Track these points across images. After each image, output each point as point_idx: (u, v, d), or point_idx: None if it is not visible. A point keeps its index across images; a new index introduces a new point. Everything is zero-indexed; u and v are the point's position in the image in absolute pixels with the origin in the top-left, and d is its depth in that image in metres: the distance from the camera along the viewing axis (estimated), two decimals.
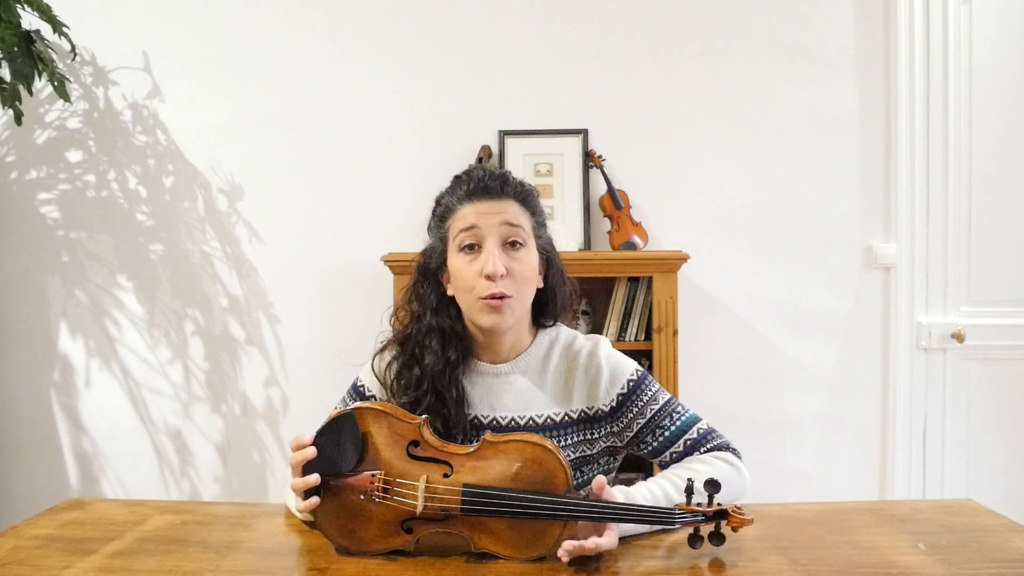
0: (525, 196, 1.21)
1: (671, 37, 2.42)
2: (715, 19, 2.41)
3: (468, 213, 1.16)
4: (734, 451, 1.20)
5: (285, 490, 1.16)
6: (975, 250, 2.41)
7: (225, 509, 1.23)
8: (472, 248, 1.15)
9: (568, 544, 0.93)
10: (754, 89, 2.41)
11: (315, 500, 0.99)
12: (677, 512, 0.97)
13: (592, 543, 0.93)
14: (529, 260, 1.17)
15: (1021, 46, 2.39)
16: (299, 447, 1.00)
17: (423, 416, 1.04)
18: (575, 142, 2.42)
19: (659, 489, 1.08)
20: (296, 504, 1.04)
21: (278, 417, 2.51)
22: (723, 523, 0.97)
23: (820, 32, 2.40)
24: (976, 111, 2.39)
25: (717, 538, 0.97)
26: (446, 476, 0.99)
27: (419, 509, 0.97)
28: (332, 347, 2.43)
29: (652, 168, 2.44)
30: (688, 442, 1.19)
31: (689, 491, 0.99)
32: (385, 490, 0.99)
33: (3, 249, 2.52)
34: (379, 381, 1.24)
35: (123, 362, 2.52)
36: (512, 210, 1.17)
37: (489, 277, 1.12)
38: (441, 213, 1.22)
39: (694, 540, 0.97)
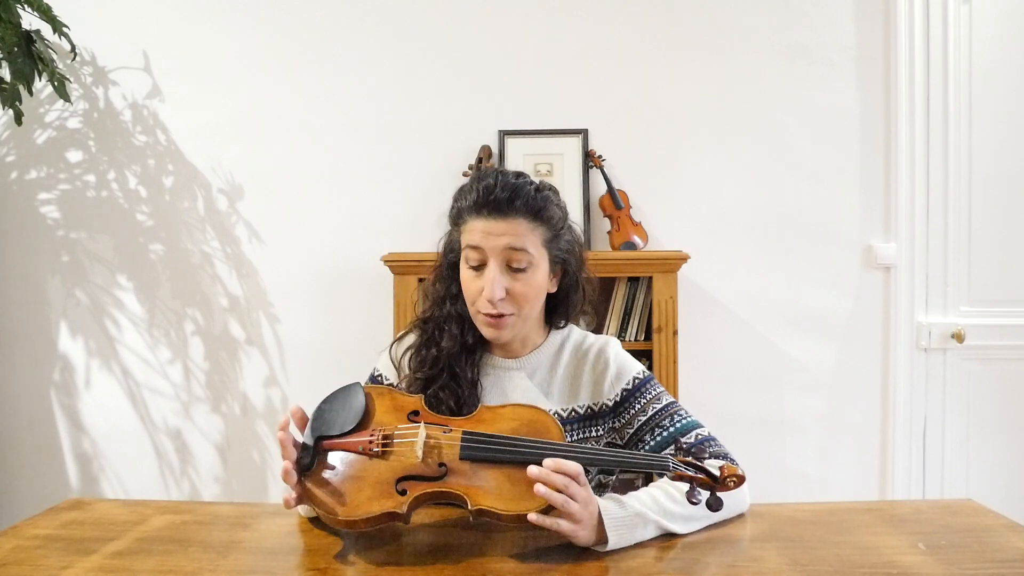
0: (537, 210, 1.16)
1: (671, 37, 2.42)
2: (715, 19, 2.41)
3: (475, 229, 1.16)
4: (732, 461, 1.18)
5: None
6: (975, 250, 2.41)
7: (225, 509, 1.23)
8: (477, 266, 1.17)
9: (533, 470, 0.95)
10: (754, 89, 2.42)
11: (283, 435, 0.99)
12: (670, 459, 0.99)
13: (553, 463, 0.95)
14: (533, 281, 1.17)
15: (1021, 46, 2.39)
16: (282, 427, 1.01)
17: (422, 395, 1.09)
18: (575, 142, 2.42)
19: (648, 497, 1.06)
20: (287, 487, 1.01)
21: (278, 417, 2.51)
22: (717, 486, 0.98)
23: (820, 32, 2.40)
24: (976, 111, 2.39)
25: (716, 501, 0.98)
26: (445, 432, 1.02)
27: (419, 456, 0.98)
28: (332, 347, 2.45)
29: (652, 168, 2.44)
30: (685, 445, 1.19)
31: (680, 448, 1.02)
32: (385, 443, 1.01)
33: (3, 249, 2.52)
34: (394, 366, 1.27)
35: (123, 362, 2.52)
36: (519, 230, 1.14)
37: (488, 300, 1.14)
38: (455, 216, 1.22)
39: (692, 494, 0.98)
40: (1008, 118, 2.39)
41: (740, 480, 1.00)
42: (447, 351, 1.20)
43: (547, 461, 0.96)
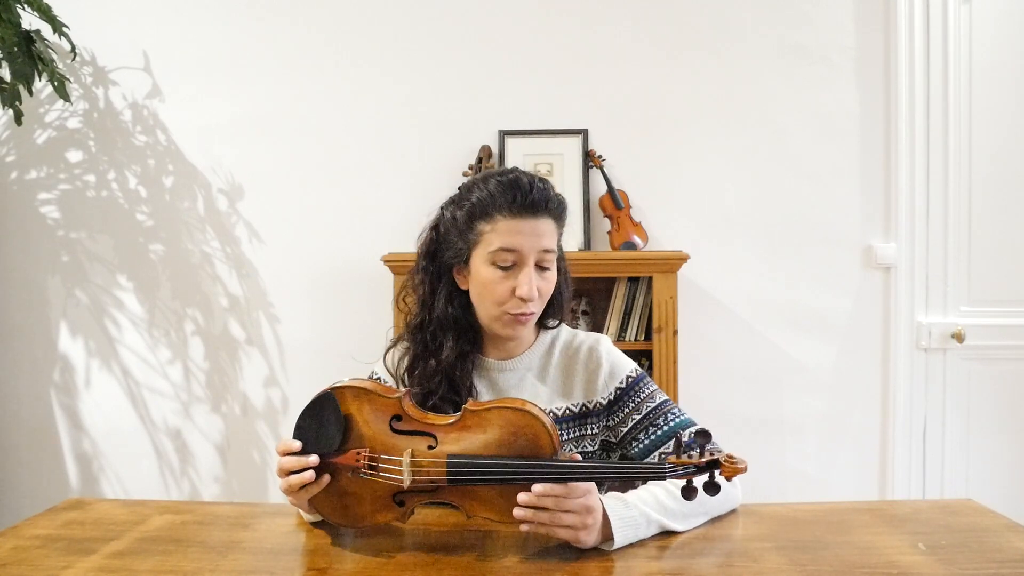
0: (560, 212, 1.18)
1: (671, 37, 2.42)
2: (715, 19, 2.41)
3: (509, 230, 1.13)
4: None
5: None
6: (975, 250, 2.41)
7: (225, 509, 1.23)
8: (508, 266, 1.14)
9: (523, 496, 0.94)
10: (754, 89, 2.41)
11: (309, 475, 0.98)
12: (668, 466, 0.94)
13: (540, 488, 0.94)
14: (553, 277, 1.19)
15: (1021, 46, 2.39)
16: (286, 451, 1.01)
17: (404, 389, 1.06)
18: (575, 142, 2.42)
19: (649, 496, 1.06)
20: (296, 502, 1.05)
21: (278, 417, 2.51)
22: (716, 472, 0.94)
23: (820, 32, 2.40)
24: (976, 111, 2.39)
25: (712, 488, 0.93)
26: (431, 448, 1.00)
27: (406, 483, 0.98)
28: (332, 347, 2.45)
29: (652, 168, 2.44)
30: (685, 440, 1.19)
31: (678, 444, 0.96)
32: (371, 467, 0.99)
33: (3, 249, 2.52)
34: (392, 375, 1.26)
35: (123, 362, 2.52)
36: (549, 232, 1.16)
37: (523, 299, 1.13)
38: (474, 212, 1.16)
39: (688, 492, 0.94)
40: (1008, 118, 2.39)
41: (737, 471, 0.95)
42: (446, 360, 1.18)
43: (535, 487, 0.94)
